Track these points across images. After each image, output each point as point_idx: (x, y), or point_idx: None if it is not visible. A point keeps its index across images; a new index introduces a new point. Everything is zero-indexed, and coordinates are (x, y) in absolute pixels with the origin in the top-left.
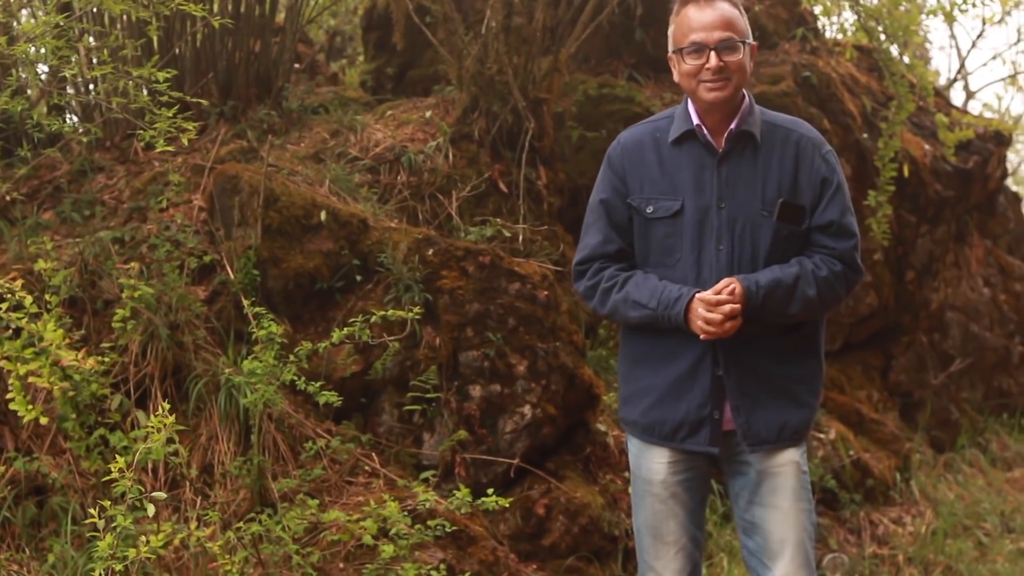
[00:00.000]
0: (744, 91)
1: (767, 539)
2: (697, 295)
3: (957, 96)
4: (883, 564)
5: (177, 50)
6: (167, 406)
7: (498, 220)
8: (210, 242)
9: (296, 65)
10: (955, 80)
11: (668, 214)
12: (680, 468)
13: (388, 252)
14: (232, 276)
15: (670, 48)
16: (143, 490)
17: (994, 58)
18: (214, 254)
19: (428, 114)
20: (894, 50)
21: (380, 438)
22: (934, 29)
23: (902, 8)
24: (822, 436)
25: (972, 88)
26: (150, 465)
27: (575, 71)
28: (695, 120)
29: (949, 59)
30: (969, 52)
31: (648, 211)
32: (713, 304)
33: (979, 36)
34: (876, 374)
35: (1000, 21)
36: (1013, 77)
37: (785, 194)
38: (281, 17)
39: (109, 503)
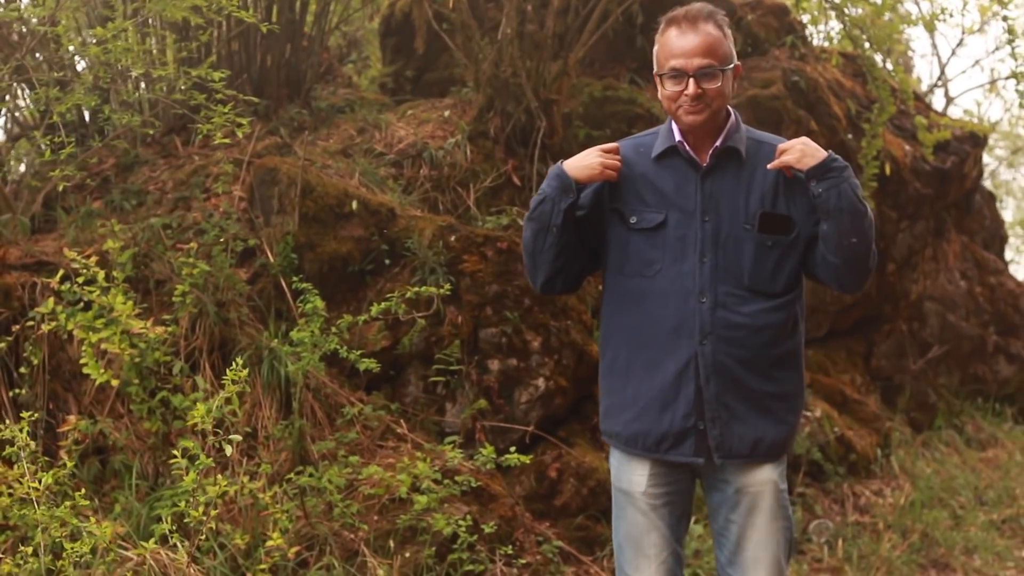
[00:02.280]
0: (729, 108)
1: (742, 556)
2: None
3: (938, 102)
4: (864, 531)
5: (214, 53)
6: (240, 361)
7: (514, 209)
8: (250, 229)
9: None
10: (936, 86)
11: (651, 226)
12: (662, 481)
13: (414, 238)
14: (272, 259)
15: (654, 68)
16: (219, 432)
17: (974, 65)
18: (255, 239)
19: (447, 113)
20: (877, 57)
21: (407, 407)
22: (916, 38)
23: (886, 17)
24: (808, 414)
25: (952, 94)
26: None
27: (581, 75)
28: (677, 137)
29: (931, 66)
30: (949, 60)
31: (632, 221)
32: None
33: (959, 44)
34: (859, 359)
35: (979, 30)
36: (992, 83)
37: (768, 207)
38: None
39: (192, 443)
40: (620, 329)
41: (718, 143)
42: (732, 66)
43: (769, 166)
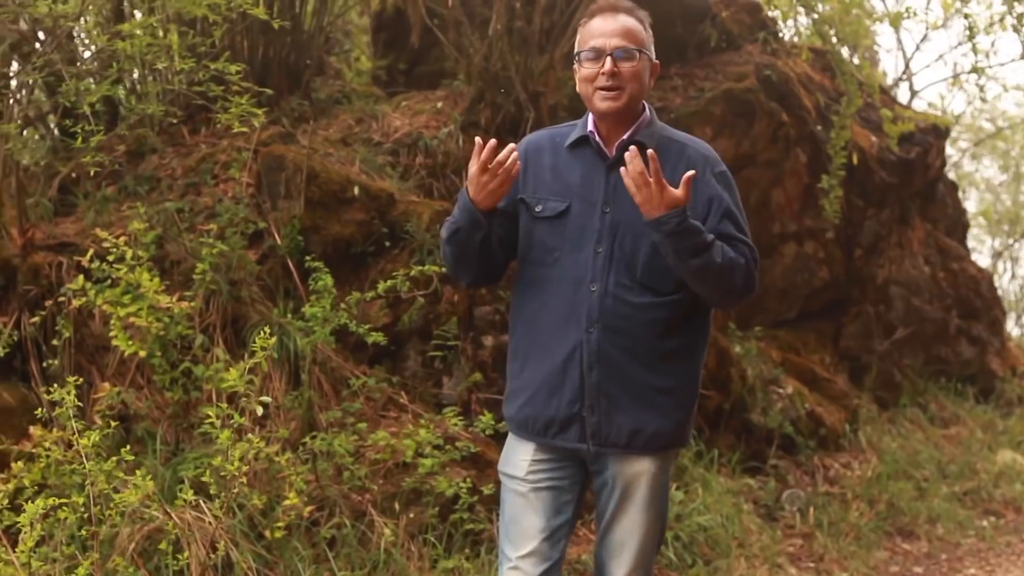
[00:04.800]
0: (645, 104)
1: (609, 539)
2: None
3: (903, 95)
4: (834, 500)
5: (225, 47)
6: (268, 330)
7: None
8: (258, 212)
9: (307, 61)
10: (901, 79)
11: (553, 214)
12: (544, 467)
13: (413, 222)
14: (279, 241)
15: (575, 53)
16: (247, 398)
17: (938, 59)
18: (264, 222)
19: (439, 105)
20: (845, 52)
21: (406, 380)
22: (882, 33)
23: (853, 14)
24: (781, 391)
25: (916, 88)
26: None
27: (566, 68)
28: (589, 127)
29: (896, 61)
30: (913, 54)
31: (537, 209)
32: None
33: (923, 39)
34: (828, 340)
35: (943, 26)
36: (955, 77)
37: None
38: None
39: (224, 406)
40: (520, 316)
41: (625, 136)
42: (650, 56)
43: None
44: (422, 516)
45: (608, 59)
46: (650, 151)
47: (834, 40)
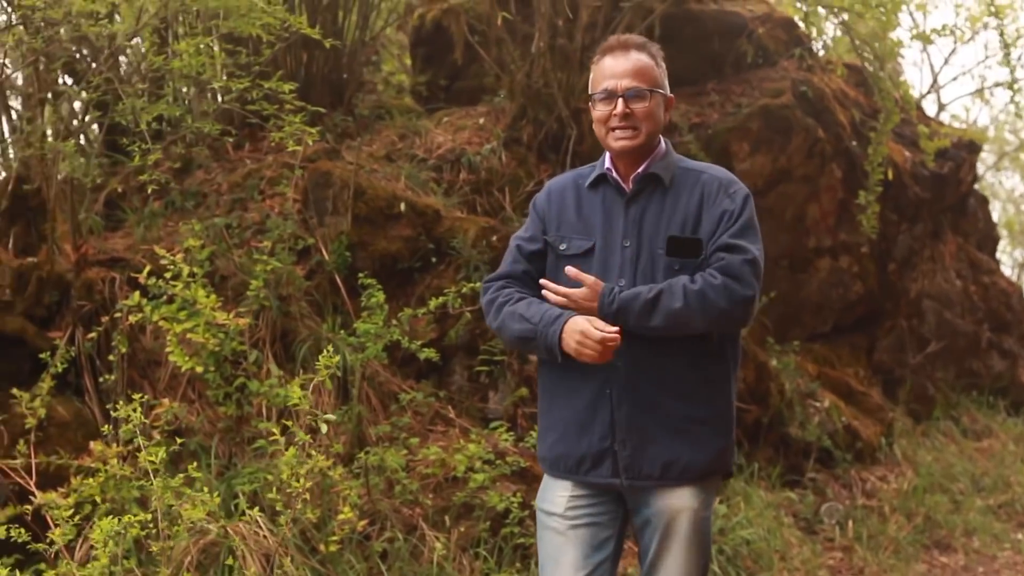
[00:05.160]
0: (661, 138)
1: None
2: (574, 317)
3: (930, 108)
4: (872, 513)
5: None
6: (331, 349)
7: None
8: (304, 228)
9: (349, 77)
10: (928, 93)
11: (579, 252)
12: (582, 503)
13: (459, 238)
14: (327, 257)
15: (590, 94)
16: (317, 412)
17: (964, 73)
18: (312, 238)
19: (481, 121)
20: (875, 67)
21: (452, 394)
22: (908, 46)
23: (892, 35)
24: (817, 405)
25: (944, 100)
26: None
27: None
28: (607, 164)
29: (920, 73)
30: (942, 68)
31: (562, 248)
32: (592, 330)
33: (952, 53)
34: (862, 353)
35: (970, 39)
36: (980, 91)
37: (688, 232)
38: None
39: (291, 422)
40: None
41: (640, 169)
42: (663, 93)
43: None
44: (473, 530)
45: (620, 100)
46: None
47: (872, 58)
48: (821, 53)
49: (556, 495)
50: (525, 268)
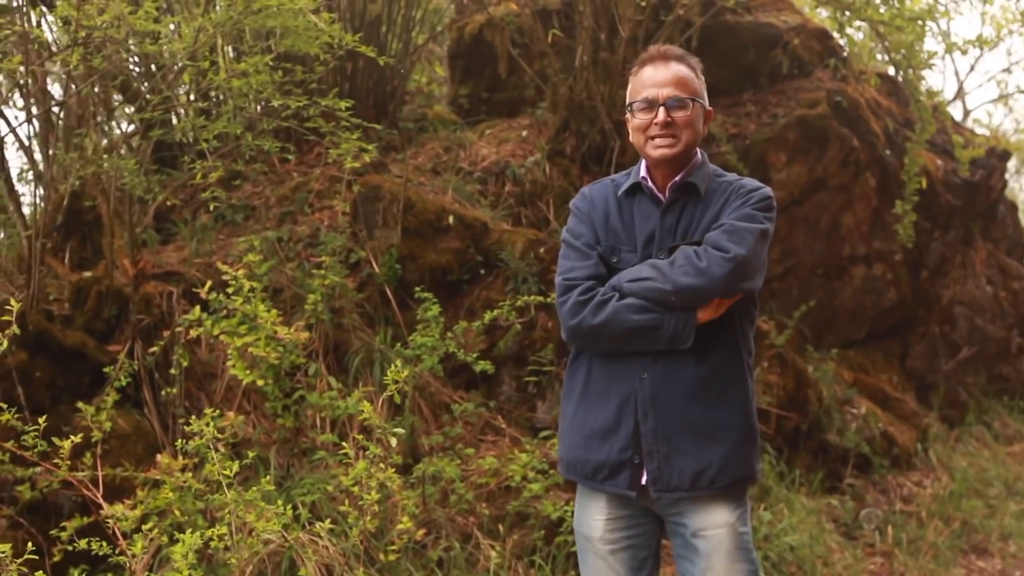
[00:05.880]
0: (698, 150)
1: None
2: None
3: (956, 114)
4: (910, 518)
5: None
6: (399, 363)
7: None
8: (354, 241)
9: (393, 90)
10: (954, 100)
11: (627, 266)
12: (619, 525)
13: (507, 250)
14: (377, 270)
15: (627, 104)
16: (385, 426)
17: (988, 80)
18: (363, 251)
19: (524, 133)
20: (900, 75)
21: (502, 405)
22: (941, 56)
23: (927, 45)
24: (855, 411)
25: (969, 107)
26: (317, 419)
27: None
28: (642, 173)
29: (944, 79)
30: (968, 75)
31: (613, 260)
32: None
33: (978, 60)
34: (895, 360)
35: (995, 46)
36: (1004, 97)
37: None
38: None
39: (359, 435)
40: (580, 360)
41: (678, 178)
42: (702, 103)
43: None
44: (527, 538)
45: (661, 109)
46: None
47: (907, 68)
48: (855, 64)
49: (593, 518)
50: (605, 271)
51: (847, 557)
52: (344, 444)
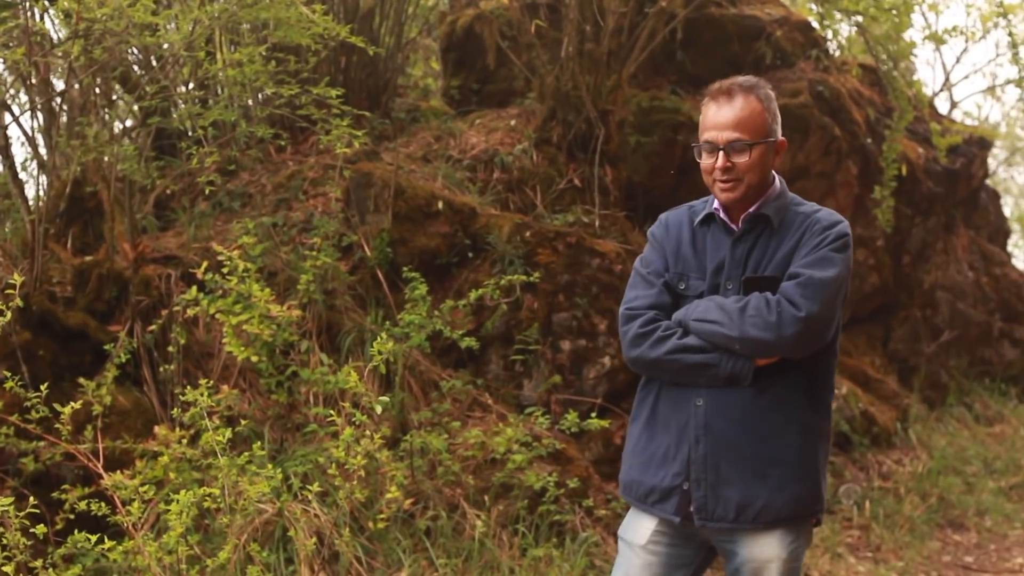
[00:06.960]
0: (775, 177)
1: None
2: None
3: (943, 106)
4: (888, 494)
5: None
6: (384, 336)
7: (577, 208)
8: (347, 226)
9: (384, 81)
10: (941, 91)
11: (695, 293)
12: (665, 541)
13: (494, 234)
14: (368, 253)
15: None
16: (371, 396)
17: (975, 72)
18: (355, 235)
19: (512, 123)
20: (888, 67)
21: (489, 382)
22: (921, 46)
23: (906, 36)
24: (836, 391)
25: (956, 99)
26: (311, 395)
27: (629, 87)
28: (715, 204)
29: (933, 71)
30: (954, 67)
31: (680, 287)
32: None
33: (963, 52)
34: (878, 343)
35: (981, 39)
36: (992, 89)
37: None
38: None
39: (348, 404)
40: (650, 386)
41: (751, 209)
42: (770, 140)
43: None
44: (511, 508)
45: (721, 154)
46: None
47: (885, 58)
48: (836, 54)
49: (642, 527)
50: (671, 300)
51: (825, 530)
52: (334, 414)
